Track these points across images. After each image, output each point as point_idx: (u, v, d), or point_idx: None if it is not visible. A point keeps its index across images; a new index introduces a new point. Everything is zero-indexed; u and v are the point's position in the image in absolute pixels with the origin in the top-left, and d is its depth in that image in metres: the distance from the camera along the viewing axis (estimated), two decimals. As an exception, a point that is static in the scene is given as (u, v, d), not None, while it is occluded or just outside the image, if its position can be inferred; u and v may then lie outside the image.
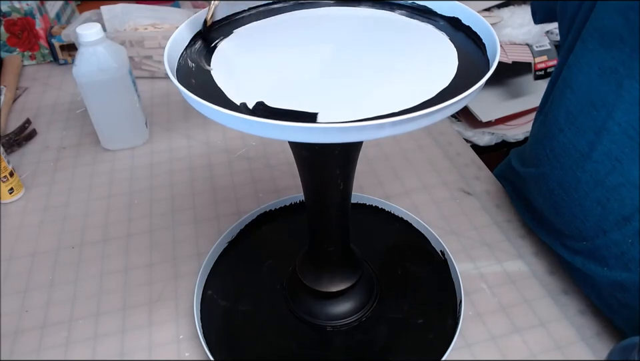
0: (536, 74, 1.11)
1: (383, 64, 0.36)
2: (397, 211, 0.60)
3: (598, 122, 0.43)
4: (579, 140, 0.45)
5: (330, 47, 0.38)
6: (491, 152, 1.17)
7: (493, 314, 0.50)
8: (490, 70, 0.32)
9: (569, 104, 0.46)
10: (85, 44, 0.64)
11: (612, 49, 0.42)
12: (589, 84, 0.44)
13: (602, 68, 0.43)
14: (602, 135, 0.43)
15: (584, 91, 0.44)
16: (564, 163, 0.47)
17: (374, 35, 0.40)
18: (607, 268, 0.46)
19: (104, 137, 0.73)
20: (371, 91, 0.33)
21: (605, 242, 0.45)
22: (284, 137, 0.28)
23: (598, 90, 0.43)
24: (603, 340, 0.48)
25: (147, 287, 0.54)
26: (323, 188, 0.42)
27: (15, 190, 0.65)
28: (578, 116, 0.45)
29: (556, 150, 0.48)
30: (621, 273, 0.45)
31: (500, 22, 1.09)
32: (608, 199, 0.44)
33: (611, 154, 0.43)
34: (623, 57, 0.41)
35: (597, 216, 0.45)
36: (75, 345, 0.49)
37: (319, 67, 0.36)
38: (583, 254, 0.49)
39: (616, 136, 0.42)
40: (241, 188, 0.66)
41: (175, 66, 0.36)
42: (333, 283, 0.47)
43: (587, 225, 0.47)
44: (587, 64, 0.44)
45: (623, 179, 0.43)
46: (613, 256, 0.45)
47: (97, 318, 0.51)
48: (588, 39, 0.44)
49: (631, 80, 0.40)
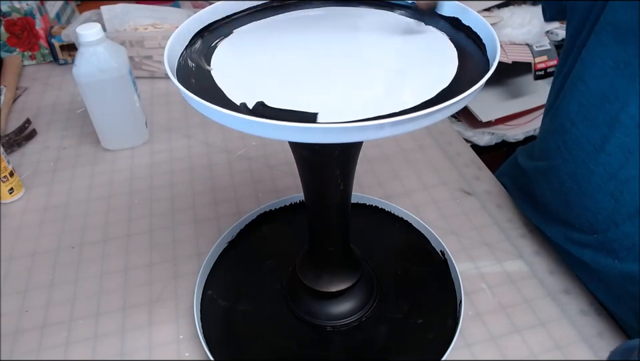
0: (536, 74, 1.11)
1: (383, 65, 0.36)
2: (397, 211, 0.60)
3: (611, 115, 0.43)
4: (591, 133, 0.45)
5: (330, 47, 0.38)
6: (490, 152, 1.17)
7: (493, 314, 0.50)
8: (490, 70, 0.32)
9: (582, 97, 0.46)
10: (85, 44, 0.64)
11: (626, 43, 0.42)
12: (602, 77, 0.44)
13: (616, 62, 0.43)
14: (615, 128, 0.43)
15: (597, 84, 0.45)
16: (576, 156, 0.47)
17: (374, 35, 0.40)
18: (617, 260, 0.46)
19: (104, 137, 0.73)
20: (371, 91, 0.33)
21: (616, 235, 0.46)
22: (284, 137, 0.28)
23: (611, 83, 0.43)
24: (603, 340, 0.48)
25: (147, 287, 0.54)
26: (323, 188, 0.42)
27: (15, 190, 0.65)
28: (591, 109, 0.45)
29: (568, 143, 0.48)
30: (632, 265, 0.45)
31: (500, 22, 1.09)
32: (621, 192, 0.44)
33: (624, 146, 0.43)
34: (636, 51, 0.41)
35: (610, 209, 0.45)
36: (74, 345, 0.49)
37: (318, 67, 0.36)
38: (592, 247, 0.49)
39: (629, 129, 0.42)
40: (241, 188, 0.66)
41: (174, 66, 0.36)
42: (333, 283, 0.47)
43: (598, 218, 0.47)
44: (601, 57, 0.44)
45: (636, 172, 0.43)
46: (625, 248, 0.45)
47: (96, 318, 0.51)
48: (602, 33, 0.44)
49: None
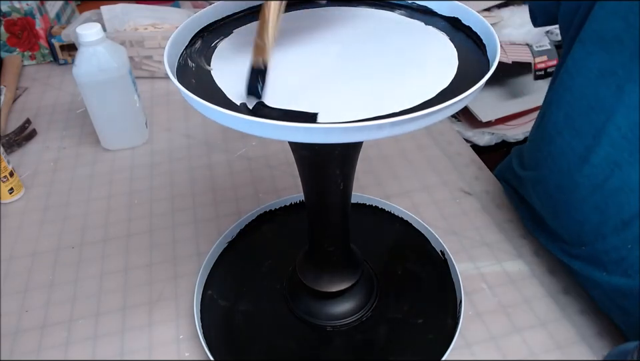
0: (536, 74, 1.12)
1: (383, 65, 0.36)
2: (397, 211, 0.60)
3: (597, 126, 0.42)
4: (577, 144, 0.44)
5: (329, 47, 0.38)
6: (490, 152, 1.17)
7: (493, 313, 0.50)
8: (490, 70, 0.32)
9: (568, 107, 0.45)
10: (85, 44, 0.64)
11: (611, 52, 0.41)
12: (587, 87, 0.43)
13: (601, 71, 0.42)
14: (601, 139, 0.42)
15: (583, 94, 0.44)
16: (562, 166, 0.46)
17: (374, 35, 0.40)
18: (606, 273, 0.45)
19: (104, 137, 0.73)
20: (371, 91, 0.33)
21: (604, 247, 0.44)
22: (284, 137, 0.28)
23: (597, 93, 0.42)
24: (603, 340, 0.48)
25: (147, 287, 0.54)
26: (322, 188, 0.42)
27: (15, 190, 0.65)
28: (576, 119, 0.44)
29: (554, 154, 0.47)
30: (620, 279, 0.44)
31: (500, 22, 1.09)
32: (607, 204, 0.43)
33: (609, 158, 0.42)
34: (622, 60, 0.40)
35: (596, 221, 0.44)
36: (74, 345, 0.49)
37: (318, 67, 0.36)
38: (581, 258, 0.48)
39: (615, 140, 0.41)
40: (241, 188, 0.66)
41: (174, 66, 0.36)
42: (333, 283, 0.47)
43: (585, 229, 0.46)
44: (586, 67, 0.43)
45: (621, 184, 0.42)
46: (612, 261, 0.44)
47: (96, 318, 0.51)
48: (587, 42, 0.43)
49: (631, 84, 0.40)
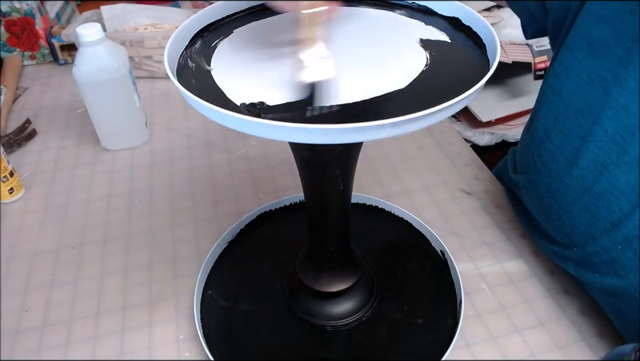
0: (536, 74, 1.11)
1: (382, 64, 0.36)
2: (397, 211, 0.60)
3: (584, 129, 0.43)
4: (565, 147, 0.45)
5: (330, 47, 0.38)
6: (490, 152, 1.17)
7: (493, 314, 0.50)
8: (490, 70, 0.32)
9: (556, 111, 0.46)
10: (85, 44, 0.64)
11: (599, 57, 0.42)
12: (576, 91, 0.44)
13: (590, 76, 0.42)
14: (588, 141, 0.43)
15: (572, 99, 0.44)
16: (551, 170, 0.47)
17: (373, 35, 0.40)
18: (598, 274, 0.46)
19: (104, 137, 0.73)
20: (371, 91, 0.33)
21: (595, 249, 0.45)
22: (284, 138, 0.28)
23: (585, 97, 0.43)
24: (603, 340, 0.48)
25: (146, 287, 0.54)
26: (323, 188, 0.42)
27: (15, 190, 0.65)
28: (565, 122, 0.45)
29: (543, 157, 0.48)
30: (612, 280, 0.44)
31: (500, 22, 1.09)
32: (596, 206, 0.43)
33: (597, 160, 0.42)
34: (610, 65, 0.41)
35: (586, 223, 0.45)
36: (74, 345, 0.49)
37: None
38: (574, 260, 0.48)
39: (602, 142, 0.42)
40: (241, 188, 0.66)
41: (174, 66, 0.36)
42: (333, 283, 0.47)
43: (576, 232, 0.46)
44: (575, 72, 0.44)
45: (609, 185, 0.42)
46: (604, 262, 0.45)
47: (96, 318, 0.51)
48: (575, 48, 0.44)
49: (618, 88, 0.40)
